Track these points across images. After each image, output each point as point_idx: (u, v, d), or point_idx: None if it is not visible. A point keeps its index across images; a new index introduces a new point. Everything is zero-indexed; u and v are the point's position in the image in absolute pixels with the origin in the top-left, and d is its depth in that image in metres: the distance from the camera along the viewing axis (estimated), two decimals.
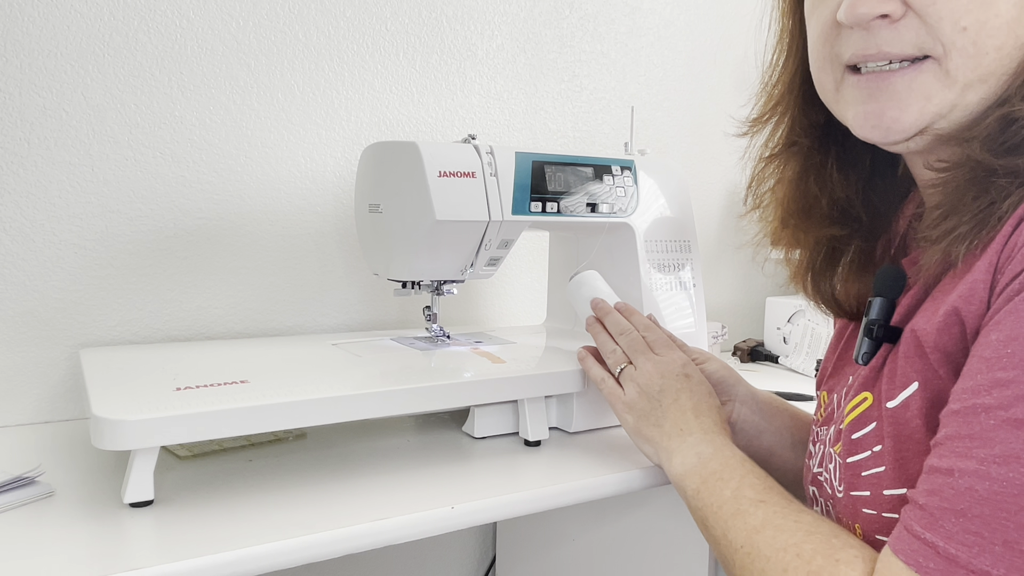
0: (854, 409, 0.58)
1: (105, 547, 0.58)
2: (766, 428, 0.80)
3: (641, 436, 0.73)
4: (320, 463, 0.77)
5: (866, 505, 0.55)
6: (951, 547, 0.43)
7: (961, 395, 0.46)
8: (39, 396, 0.93)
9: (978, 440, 0.44)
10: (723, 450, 0.66)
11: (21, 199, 0.91)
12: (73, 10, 0.92)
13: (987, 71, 0.50)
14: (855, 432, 0.57)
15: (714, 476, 0.63)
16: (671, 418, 0.71)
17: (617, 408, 0.75)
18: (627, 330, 0.80)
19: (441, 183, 0.84)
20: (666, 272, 1.02)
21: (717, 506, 0.61)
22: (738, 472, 0.63)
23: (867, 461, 0.55)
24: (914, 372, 0.52)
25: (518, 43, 1.25)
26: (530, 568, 1.17)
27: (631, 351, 0.78)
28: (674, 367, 0.75)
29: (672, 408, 0.71)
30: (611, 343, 0.80)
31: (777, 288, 1.64)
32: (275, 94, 1.05)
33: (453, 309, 1.22)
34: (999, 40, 0.50)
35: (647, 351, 0.77)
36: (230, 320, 1.05)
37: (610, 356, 0.79)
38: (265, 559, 0.57)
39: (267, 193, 1.06)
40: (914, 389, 0.52)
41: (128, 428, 0.60)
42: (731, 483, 0.62)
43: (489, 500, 0.68)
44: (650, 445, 0.72)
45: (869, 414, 0.56)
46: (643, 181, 1.01)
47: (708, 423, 0.70)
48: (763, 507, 0.58)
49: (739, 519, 0.58)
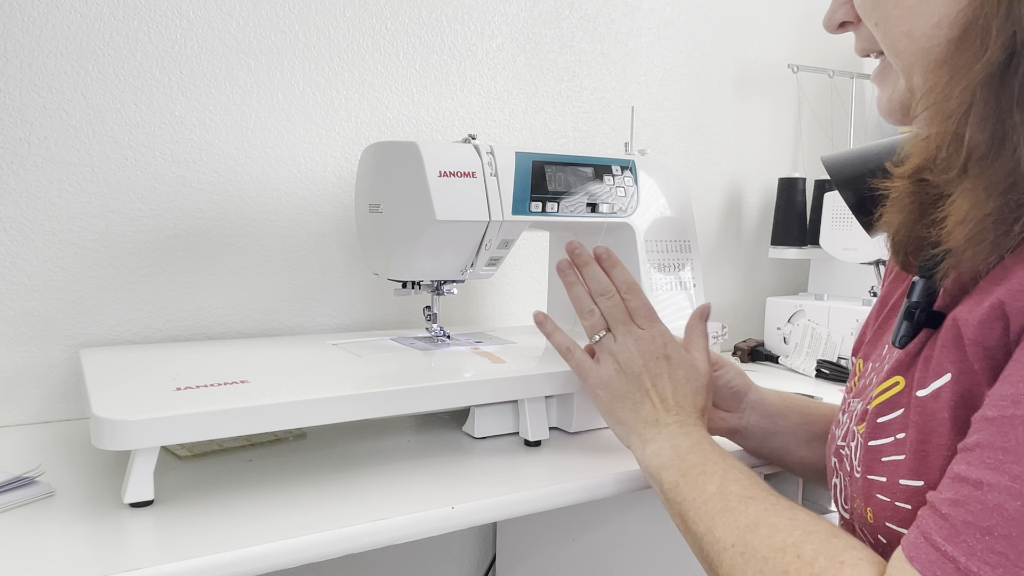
0: (884, 392, 0.56)
1: (105, 547, 0.58)
2: (776, 430, 0.80)
3: (614, 417, 0.71)
4: (320, 463, 0.77)
5: (881, 491, 0.53)
6: (972, 565, 0.41)
7: (998, 401, 0.43)
8: (39, 396, 0.93)
9: (1012, 454, 0.41)
10: (701, 443, 0.65)
11: (21, 199, 0.91)
12: (73, 10, 0.92)
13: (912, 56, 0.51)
14: (881, 416, 0.55)
15: (694, 470, 0.62)
16: (648, 403, 0.69)
17: (590, 381, 0.72)
18: (608, 291, 0.74)
19: (441, 183, 0.84)
20: (666, 272, 1.02)
21: (701, 501, 0.59)
22: (720, 466, 0.62)
23: (889, 447, 0.53)
24: (949, 363, 0.49)
25: (518, 43, 1.25)
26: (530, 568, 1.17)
27: (611, 319, 0.73)
28: (655, 346, 0.71)
29: (651, 392, 0.70)
30: (588, 301, 0.75)
31: (777, 288, 1.64)
32: (275, 94, 1.05)
33: (453, 309, 1.22)
34: (905, 26, 0.50)
35: (629, 322, 0.73)
36: (230, 320, 1.05)
37: (586, 317, 0.74)
38: (265, 559, 0.57)
39: (267, 193, 1.06)
40: (946, 380, 0.49)
41: (128, 428, 0.60)
42: (714, 477, 0.60)
43: (489, 500, 0.68)
44: (623, 428, 0.70)
45: (898, 399, 0.54)
46: (643, 181, 1.01)
47: (685, 413, 0.69)
48: (753, 504, 0.57)
49: (728, 516, 0.57)
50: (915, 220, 0.58)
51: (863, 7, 0.53)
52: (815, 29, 1.63)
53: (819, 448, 0.78)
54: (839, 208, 1.34)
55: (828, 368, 1.26)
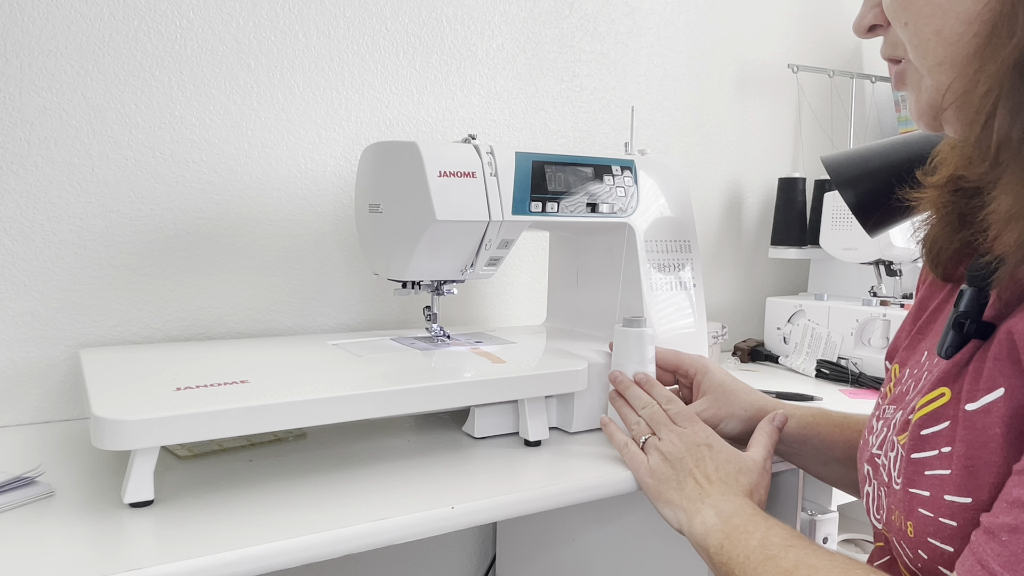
0: (928, 403, 0.54)
1: (105, 547, 0.58)
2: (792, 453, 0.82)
3: (662, 499, 0.73)
4: (320, 463, 0.77)
5: (923, 505, 0.52)
6: None
7: None
8: (39, 396, 0.93)
9: None
10: (745, 508, 0.66)
11: (21, 199, 0.91)
12: (73, 10, 0.92)
13: (940, 55, 0.50)
14: (925, 428, 0.54)
15: (737, 530, 0.63)
16: (692, 481, 0.72)
17: (640, 473, 0.76)
18: (648, 403, 0.81)
19: (441, 183, 0.84)
20: (666, 272, 1.02)
21: (744, 556, 0.60)
22: (763, 525, 0.63)
23: (932, 460, 0.52)
24: (1001, 377, 0.48)
25: (518, 43, 1.25)
26: (530, 568, 1.17)
27: (654, 423, 0.78)
28: (697, 438, 0.75)
29: (694, 471, 0.72)
30: (634, 415, 0.81)
31: (777, 288, 1.64)
32: (275, 94, 1.05)
33: (453, 309, 1.22)
34: (935, 24, 0.50)
35: (669, 423, 0.78)
36: (230, 320, 1.05)
37: (634, 427, 0.80)
38: (265, 559, 0.57)
39: (267, 193, 1.06)
40: (999, 395, 0.48)
41: (128, 428, 0.60)
42: (756, 534, 0.62)
43: (489, 500, 0.68)
44: (670, 509, 0.72)
45: (943, 411, 0.52)
46: (643, 181, 1.01)
47: (728, 487, 0.70)
48: (793, 550, 0.58)
49: (769, 564, 0.58)
50: (953, 230, 0.57)
51: (892, 8, 0.52)
52: (815, 29, 1.63)
53: (836, 469, 0.79)
54: (839, 208, 1.34)
55: (828, 368, 1.26)
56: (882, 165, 0.94)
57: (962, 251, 0.57)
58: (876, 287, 1.34)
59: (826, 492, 0.96)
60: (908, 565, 0.54)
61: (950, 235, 0.57)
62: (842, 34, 1.68)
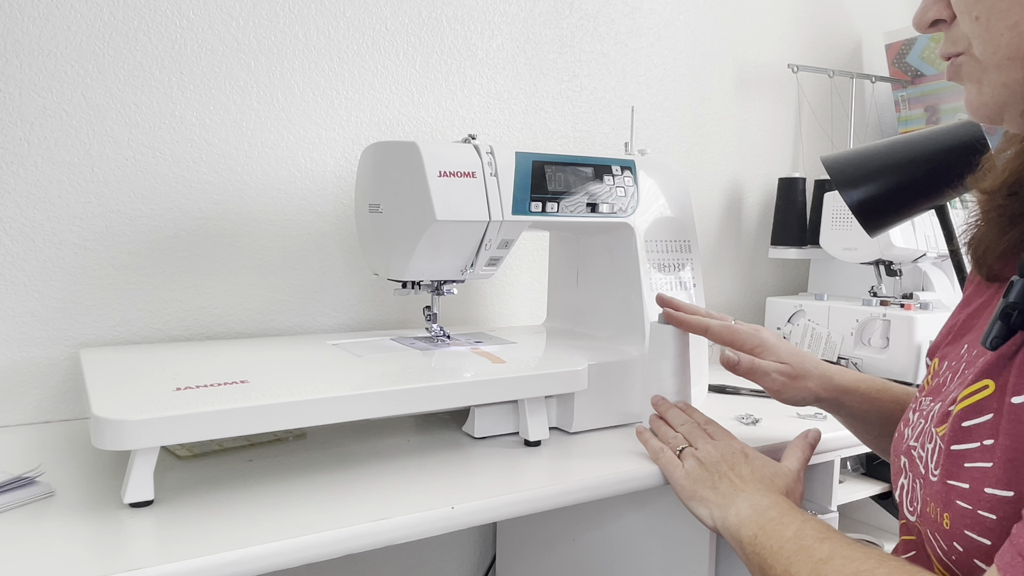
0: (971, 395, 0.54)
1: (105, 547, 0.58)
2: None
3: (696, 497, 0.73)
4: (320, 463, 0.77)
5: (962, 497, 0.52)
6: None
7: None
8: (39, 396, 0.93)
9: None
10: (780, 502, 0.67)
11: (21, 199, 0.91)
12: (73, 10, 0.92)
13: (1012, 50, 0.50)
14: (967, 420, 0.53)
15: (772, 522, 0.64)
16: (726, 481, 0.72)
17: (675, 475, 0.76)
18: (686, 421, 0.83)
19: (441, 183, 0.84)
20: (666, 272, 1.02)
21: (778, 546, 0.61)
22: (798, 518, 0.63)
23: (973, 452, 0.52)
24: None
25: (518, 43, 1.25)
26: (530, 568, 1.17)
27: (691, 437, 0.80)
28: (733, 448, 0.76)
29: (729, 473, 0.73)
30: (671, 431, 0.82)
31: (777, 288, 1.64)
32: (275, 94, 1.05)
33: (453, 309, 1.22)
34: (1012, 19, 0.49)
35: (706, 436, 0.79)
36: (230, 320, 1.05)
37: (671, 440, 0.81)
38: (265, 559, 0.57)
39: (267, 193, 1.06)
40: None
41: (128, 428, 0.60)
42: (792, 526, 0.62)
43: (489, 500, 0.68)
44: (704, 506, 0.72)
45: (987, 403, 0.52)
46: (643, 181, 1.01)
47: (764, 485, 0.71)
48: (827, 542, 0.58)
49: (803, 554, 0.58)
50: (1001, 231, 0.58)
51: (962, 2, 0.52)
52: (815, 29, 1.63)
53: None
54: (839, 208, 1.34)
55: None
56: (882, 165, 0.94)
57: (1009, 251, 0.58)
58: (876, 287, 1.34)
59: (826, 492, 0.96)
60: (942, 558, 0.54)
61: (998, 236, 0.58)
62: (842, 34, 1.68)
